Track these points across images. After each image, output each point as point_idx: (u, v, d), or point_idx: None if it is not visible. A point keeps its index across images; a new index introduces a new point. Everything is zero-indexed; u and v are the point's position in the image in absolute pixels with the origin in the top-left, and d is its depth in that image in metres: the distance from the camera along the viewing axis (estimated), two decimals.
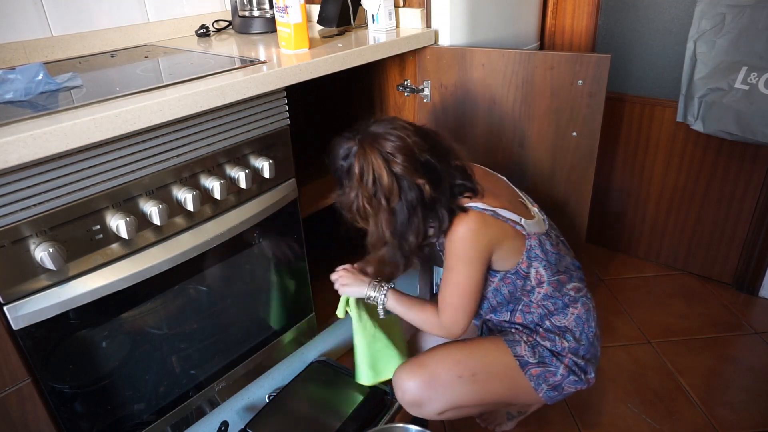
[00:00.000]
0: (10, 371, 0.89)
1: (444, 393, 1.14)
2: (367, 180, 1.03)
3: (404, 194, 1.04)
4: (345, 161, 1.07)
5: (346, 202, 1.08)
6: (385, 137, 1.04)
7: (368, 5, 1.49)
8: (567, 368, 1.14)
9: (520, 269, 1.13)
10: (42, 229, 0.86)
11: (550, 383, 1.14)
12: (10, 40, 1.28)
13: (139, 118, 0.91)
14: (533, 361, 1.14)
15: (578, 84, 1.31)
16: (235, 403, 1.40)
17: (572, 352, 1.14)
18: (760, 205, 1.73)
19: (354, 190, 1.06)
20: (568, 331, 1.15)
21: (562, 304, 1.16)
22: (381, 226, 1.08)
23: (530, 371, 1.14)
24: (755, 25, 1.41)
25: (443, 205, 1.07)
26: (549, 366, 1.14)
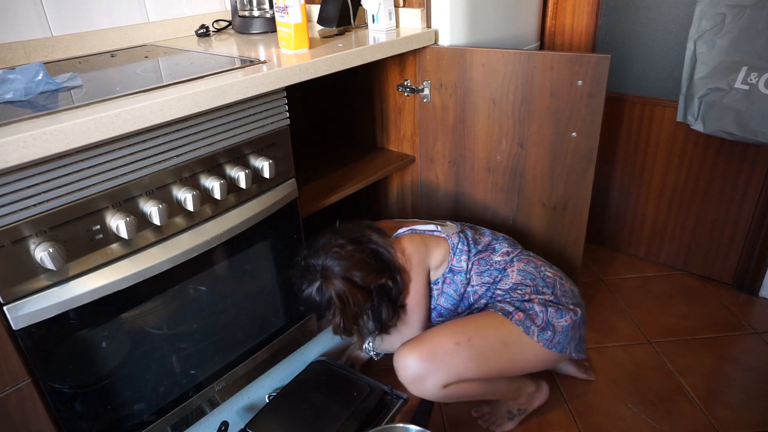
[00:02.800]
0: (10, 371, 0.89)
1: (445, 363, 1.17)
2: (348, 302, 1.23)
3: (377, 296, 1.27)
4: (320, 296, 1.24)
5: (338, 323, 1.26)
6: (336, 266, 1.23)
7: (368, 5, 1.49)
8: (540, 305, 1.23)
9: (453, 266, 1.32)
10: (42, 229, 0.86)
11: (537, 324, 1.21)
12: (10, 40, 1.28)
13: (139, 118, 0.91)
14: (510, 309, 1.23)
15: (578, 84, 1.31)
16: (235, 403, 1.40)
17: (534, 292, 1.26)
18: (760, 205, 1.73)
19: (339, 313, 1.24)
20: (517, 286, 1.28)
21: (498, 271, 1.31)
22: (367, 325, 1.35)
23: (515, 317, 1.21)
24: (755, 25, 1.41)
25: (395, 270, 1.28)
26: (527, 310, 1.23)
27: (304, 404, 1.30)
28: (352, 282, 1.23)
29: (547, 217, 1.52)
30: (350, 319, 1.26)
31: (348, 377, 1.37)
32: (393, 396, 1.32)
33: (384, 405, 1.31)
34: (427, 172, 1.70)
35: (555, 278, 1.31)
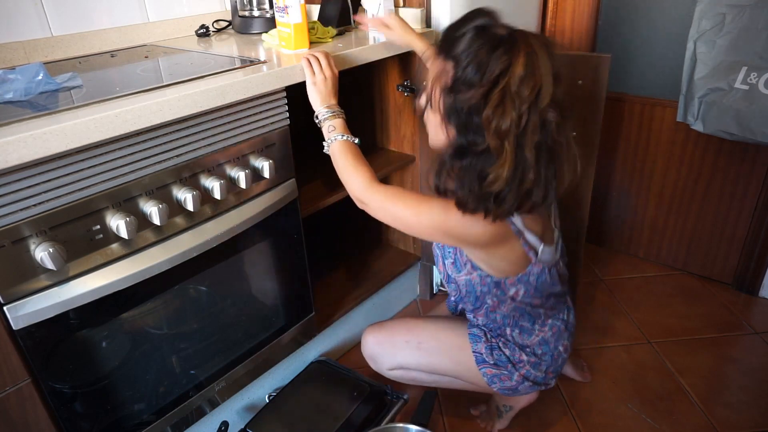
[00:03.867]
0: (10, 371, 0.89)
1: (390, 353, 1.29)
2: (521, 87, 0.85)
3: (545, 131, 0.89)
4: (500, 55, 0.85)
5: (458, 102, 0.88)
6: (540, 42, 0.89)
7: (368, 5, 1.49)
8: (522, 377, 1.17)
9: (503, 282, 1.07)
10: (42, 229, 0.86)
11: (505, 385, 1.18)
12: (10, 40, 1.28)
13: (139, 118, 0.91)
14: (490, 361, 1.18)
15: (578, 84, 1.31)
16: (235, 403, 1.40)
17: (531, 365, 1.17)
18: (760, 205, 1.73)
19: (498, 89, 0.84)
20: (529, 351, 1.17)
21: (530, 320, 1.16)
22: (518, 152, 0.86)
23: (485, 370, 1.18)
24: (755, 25, 1.41)
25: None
26: (503, 370, 1.17)
27: (304, 404, 1.31)
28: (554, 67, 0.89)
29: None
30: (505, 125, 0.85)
31: (348, 377, 1.37)
32: (393, 396, 1.32)
33: (384, 405, 1.31)
34: (428, 172, 1.70)
35: (561, 353, 1.19)
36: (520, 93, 0.84)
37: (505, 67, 0.85)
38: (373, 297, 1.70)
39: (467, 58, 0.87)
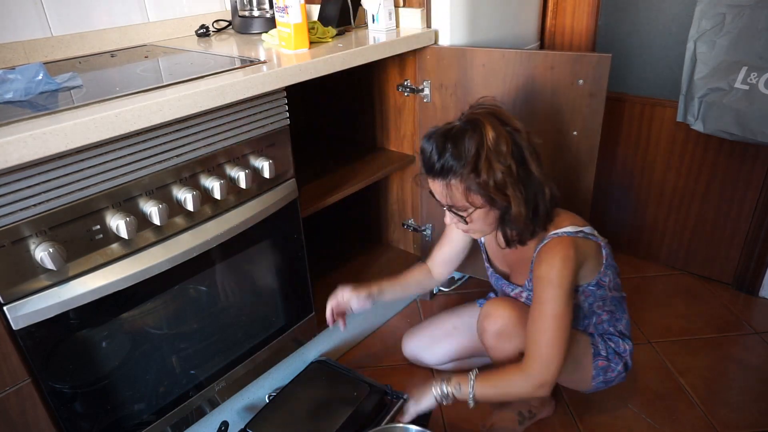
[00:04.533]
0: (10, 371, 0.89)
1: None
2: (500, 143, 1.01)
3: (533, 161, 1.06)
4: (468, 132, 1.03)
5: (482, 182, 1.02)
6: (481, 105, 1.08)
7: (368, 5, 1.49)
8: (624, 366, 1.25)
9: (601, 280, 1.16)
10: (42, 229, 0.86)
11: (606, 377, 1.24)
12: (10, 40, 1.28)
13: (139, 118, 0.91)
14: (603, 354, 1.23)
15: (579, 84, 1.31)
16: (235, 403, 1.40)
17: (629, 353, 1.25)
18: (760, 205, 1.73)
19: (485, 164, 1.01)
20: (626, 336, 1.27)
21: (618, 304, 1.25)
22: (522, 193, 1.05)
23: (598, 362, 1.22)
24: (755, 25, 1.41)
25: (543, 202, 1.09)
26: (611, 362, 1.23)
27: (304, 404, 1.31)
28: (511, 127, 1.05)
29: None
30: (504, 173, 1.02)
31: (348, 377, 1.37)
32: (393, 396, 1.32)
33: (384, 405, 1.31)
34: None
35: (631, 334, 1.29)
36: (502, 151, 1.02)
37: (479, 141, 1.01)
38: None
39: (451, 160, 1.03)
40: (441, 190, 1.07)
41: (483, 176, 1.01)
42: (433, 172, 1.06)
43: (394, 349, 1.66)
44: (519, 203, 1.05)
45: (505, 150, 1.01)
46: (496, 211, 1.09)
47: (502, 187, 1.03)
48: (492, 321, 1.21)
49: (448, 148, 1.03)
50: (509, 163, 1.02)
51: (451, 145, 1.03)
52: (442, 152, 1.03)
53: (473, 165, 1.01)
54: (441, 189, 1.07)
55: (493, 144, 1.01)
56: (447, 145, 1.03)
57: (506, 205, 1.06)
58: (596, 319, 1.24)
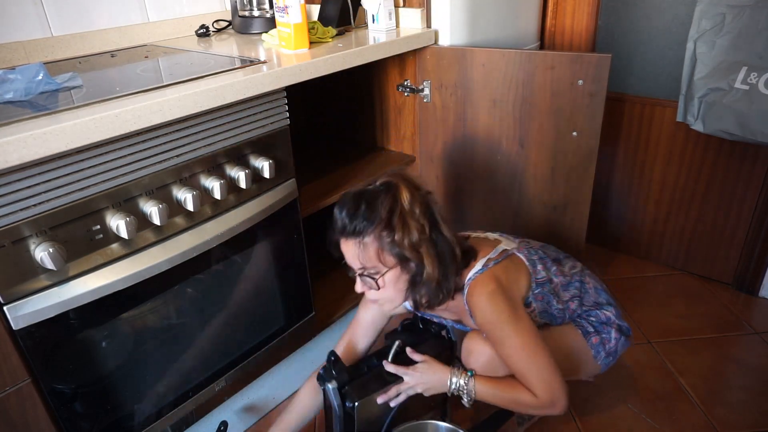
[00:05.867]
0: (10, 371, 0.89)
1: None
2: (414, 203, 1.03)
3: (443, 223, 1.07)
4: (386, 198, 1.03)
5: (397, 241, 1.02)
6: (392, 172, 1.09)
7: (368, 5, 1.49)
8: (617, 331, 1.24)
9: (536, 279, 1.16)
10: (42, 229, 0.86)
11: (607, 350, 1.23)
12: (10, 40, 1.28)
13: (139, 118, 0.91)
14: (591, 330, 1.22)
15: (579, 84, 1.31)
16: (235, 403, 1.40)
17: (615, 317, 1.25)
18: (760, 205, 1.73)
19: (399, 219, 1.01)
20: (602, 304, 1.25)
21: (579, 283, 1.24)
22: (432, 260, 1.05)
23: (591, 339, 1.22)
24: (755, 25, 1.41)
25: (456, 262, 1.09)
26: (603, 333, 1.23)
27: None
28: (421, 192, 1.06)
29: (548, 217, 1.52)
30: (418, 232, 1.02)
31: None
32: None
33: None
34: (428, 172, 1.70)
35: (612, 299, 1.29)
36: (416, 211, 1.03)
37: (394, 200, 1.02)
38: None
39: (365, 218, 1.01)
40: (353, 251, 1.04)
41: (398, 234, 1.01)
42: (346, 233, 1.03)
43: None
44: (432, 263, 1.04)
45: (418, 211, 1.02)
46: (406, 275, 1.06)
47: (417, 245, 1.02)
48: (474, 358, 1.16)
49: (361, 208, 1.01)
50: (423, 223, 1.03)
51: (365, 205, 1.01)
52: (355, 212, 1.02)
53: (387, 223, 1.01)
54: (353, 249, 1.03)
55: (408, 204, 1.02)
56: (361, 205, 1.02)
57: (419, 265, 1.04)
58: (568, 312, 1.22)
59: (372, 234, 1.01)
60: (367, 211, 1.01)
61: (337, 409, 1.10)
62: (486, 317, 1.08)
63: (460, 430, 1.19)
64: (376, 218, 1.01)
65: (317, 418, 1.46)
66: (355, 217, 1.02)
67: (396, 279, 1.06)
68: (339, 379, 1.10)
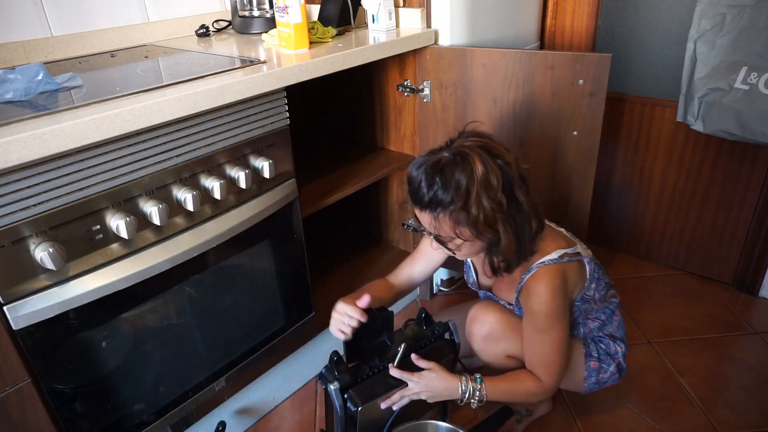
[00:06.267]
0: (10, 371, 0.89)
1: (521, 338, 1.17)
2: (491, 177, 0.99)
3: (521, 193, 1.03)
4: (457, 166, 0.99)
5: (460, 219, 1.01)
6: (467, 136, 1.05)
7: (368, 5, 1.49)
8: (616, 367, 1.26)
9: (585, 294, 1.17)
10: (42, 229, 0.86)
11: (598, 378, 1.25)
12: (10, 40, 1.28)
13: (139, 118, 0.91)
14: (595, 355, 1.24)
15: (579, 83, 1.31)
16: (235, 403, 1.40)
17: (622, 354, 1.26)
18: (760, 205, 1.73)
19: (472, 198, 0.98)
20: (617, 338, 1.27)
21: (610, 312, 1.25)
22: (512, 225, 1.04)
23: (590, 363, 1.24)
24: (755, 25, 1.41)
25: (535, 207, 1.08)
26: (604, 363, 1.25)
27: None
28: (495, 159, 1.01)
29: (548, 217, 1.51)
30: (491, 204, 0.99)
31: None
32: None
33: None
34: None
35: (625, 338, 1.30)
36: (492, 186, 0.99)
37: (469, 175, 0.98)
38: None
39: (441, 194, 1.00)
40: (429, 222, 1.05)
41: (473, 211, 0.99)
42: (422, 204, 1.03)
43: None
44: (509, 237, 1.04)
45: (495, 184, 0.99)
46: (483, 243, 1.08)
47: (492, 222, 1.01)
48: (479, 325, 1.22)
49: (437, 182, 0.99)
50: (500, 199, 1.00)
51: (440, 179, 0.99)
52: (431, 185, 1.00)
53: (463, 200, 0.99)
54: (429, 221, 1.04)
55: (483, 179, 0.98)
56: (436, 178, 0.99)
57: (494, 238, 1.04)
58: (584, 329, 1.25)
59: (447, 211, 1.00)
60: (442, 186, 0.99)
61: (339, 411, 1.10)
62: (541, 307, 1.09)
63: (460, 430, 1.19)
64: (451, 195, 0.99)
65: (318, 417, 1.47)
66: (431, 190, 1.00)
67: (471, 245, 1.07)
68: (341, 380, 1.10)
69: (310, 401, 1.52)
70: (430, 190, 1.00)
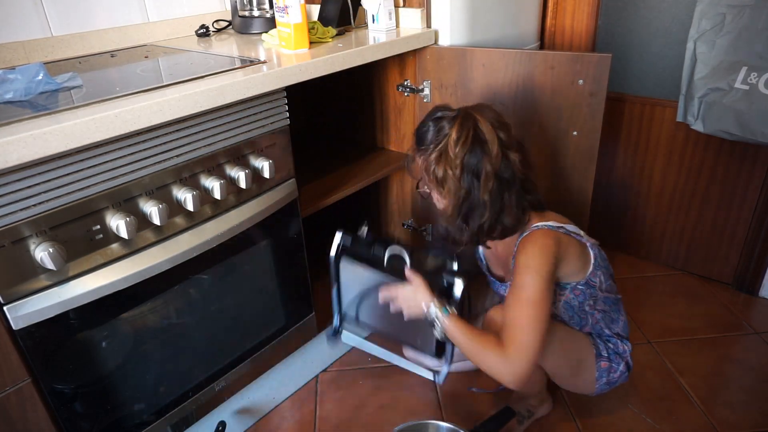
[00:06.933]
0: (10, 371, 0.89)
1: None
2: (463, 144, 1.05)
3: (503, 165, 1.07)
4: (436, 122, 1.09)
5: (425, 161, 1.10)
6: (487, 108, 1.11)
7: (368, 5, 1.49)
8: (625, 366, 1.26)
9: (590, 280, 1.18)
10: (42, 229, 0.86)
11: (609, 378, 1.25)
12: (10, 40, 1.28)
13: (139, 118, 0.91)
14: (605, 354, 1.24)
15: (579, 83, 1.31)
16: (235, 403, 1.40)
17: (629, 353, 1.27)
18: (760, 205, 1.73)
19: (438, 152, 1.07)
20: (623, 337, 1.28)
21: (614, 306, 1.26)
22: (460, 196, 1.09)
23: (600, 363, 1.24)
24: (755, 25, 1.41)
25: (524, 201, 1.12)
26: (614, 362, 1.25)
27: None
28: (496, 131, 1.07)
29: None
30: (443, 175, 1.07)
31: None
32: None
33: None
34: None
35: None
36: (454, 153, 1.05)
37: (443, 135, 1.07)
38: None
39: (429, 142, 1.10)
40: (418, 163, 1.15)
41: (434, 168, 1.08)
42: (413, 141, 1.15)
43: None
44: (451, 205, 1.10)
45: (455, 154, 1.05)
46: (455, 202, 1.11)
47: (444, 183, 1.08)
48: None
49: (428, 126, 1.11)
50: (456, 168, 1.06)
51: (432, 125, 1.10)
52: (423, 125, 1.12)
53: (431, 152, 1.08)
54: (419, 161, 1.15)
55: (452, 144, 1.06)
56: (429, 124, 1.11)
57: (467, 200, 1.09)
58: (591, 319, 1.25)
59: (422, 153, 1.11)
60: (426, 132, 1.11)
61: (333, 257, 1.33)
62: (527, 261, 1.08)
63: (460, 430, 1.19)
64: (427, 141, 1.10)
65: (318, 417, 1.46)
66: (419, 131, 1.13)
67: (439, 199, 1.13)
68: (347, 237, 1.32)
69: (310, 401, 1.52)
70: (419, 130, 1.13)
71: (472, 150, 1.05)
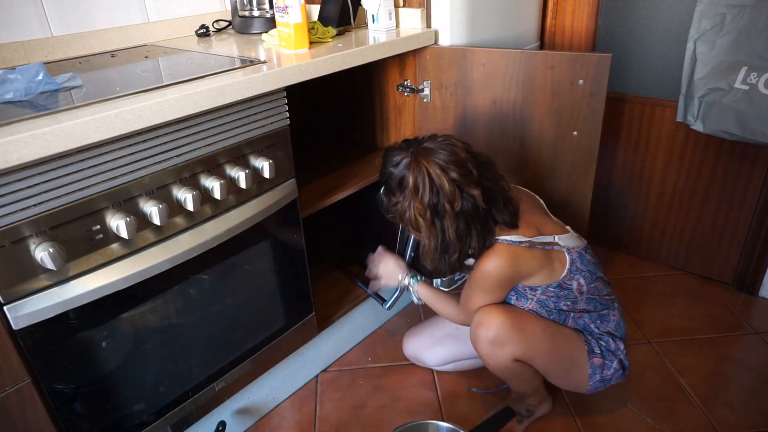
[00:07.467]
0: (10, 371, 0.89)
1: (528, 339, 1.21)
2: (423, 192, 1.11)
3: (464, 202, 1.12)
4: (396, 169, 1.15)
5: (398, 211, 1.18)
6: (438, 150, 1.12)
7: (368, 5, 1.49)
8: (619, 364, 1.26)
9: (563, 282, 1.21)
10: (42, 229, 0.86)
11: (603, 375, 1.26)
12: (10, 40, 1.28)
13: (139, 118, 0.91)
14: (597, 351, 1.25)
15: (579, 83, 1.31)
16: (235, 403, 1.40)
17: (623, 352, 1.27)
18: (760, 205, 1.73)
19: (407, 201, 1.14)
20: (615, 336, 1.27)
21: (602, 306, 1.26)
22: (435, 237, 1.16)
23: (593, 360, 1.24)
24: (755, 25, 1.41)
25: (490, 225, 1.17)
26: (607, 359, 1.25)
27: None
28: (446, 172, 1.10)
29: None
30: (417, 213, 1.13)
31: None
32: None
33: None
34: None
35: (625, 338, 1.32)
36: (419, 201, 1.12)
37: (405, 185, 1.14)
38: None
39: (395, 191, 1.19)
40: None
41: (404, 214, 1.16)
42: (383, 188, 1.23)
43: (394, 349, 1.66)
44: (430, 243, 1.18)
45: (422, 201, 1.12)
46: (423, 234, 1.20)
47: (416, 226, 1.16)
48: (484, 329, 1.22)
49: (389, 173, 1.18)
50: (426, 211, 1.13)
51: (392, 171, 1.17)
52: (383, 175, 1.20)
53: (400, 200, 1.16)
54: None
55: (413, 189, 1.12)
56: (389, 171, 1.18)
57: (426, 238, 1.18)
58: (574, 315, 1.25)
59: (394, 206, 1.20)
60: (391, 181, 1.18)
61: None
62: (480, 273, 1.20)
63: (460, 430, 1.19)
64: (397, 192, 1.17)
65: (318, 417, 1.46)
66: (385, 183, 1.21)
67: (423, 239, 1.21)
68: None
69: (310, 401, 1.52)
70: (383, 178, 1.20)
71: (431, 195, 1.11)
